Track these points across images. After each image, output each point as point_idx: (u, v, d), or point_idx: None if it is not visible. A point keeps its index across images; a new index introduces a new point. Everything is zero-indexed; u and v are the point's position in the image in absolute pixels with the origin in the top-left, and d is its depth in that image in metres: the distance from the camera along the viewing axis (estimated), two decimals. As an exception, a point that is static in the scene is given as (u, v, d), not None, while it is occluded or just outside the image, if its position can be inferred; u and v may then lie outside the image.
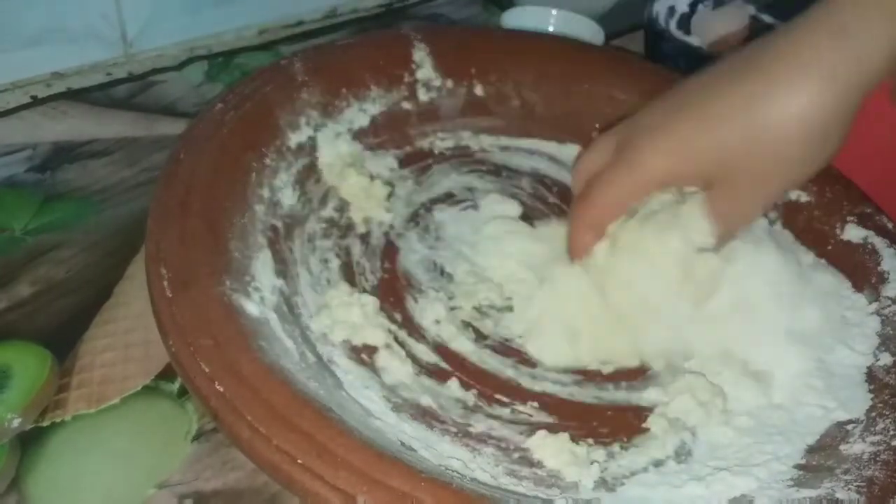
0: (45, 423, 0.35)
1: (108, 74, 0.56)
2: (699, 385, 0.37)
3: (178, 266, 0.32)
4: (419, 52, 0.48)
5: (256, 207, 0.38)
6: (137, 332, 0.39)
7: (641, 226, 0.37)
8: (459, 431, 0.35)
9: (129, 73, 0.56)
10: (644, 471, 0.34)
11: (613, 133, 0.38)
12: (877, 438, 0.34)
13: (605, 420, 0.36)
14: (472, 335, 0.39)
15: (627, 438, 0.36)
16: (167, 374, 0.37)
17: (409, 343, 0.38)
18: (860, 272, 0.42)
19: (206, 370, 0.29)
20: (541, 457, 0.34)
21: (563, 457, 0.34)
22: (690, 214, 0.36)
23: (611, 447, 0.35)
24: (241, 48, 0.61)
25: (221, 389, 0.29)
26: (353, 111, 0.46)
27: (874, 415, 0.35)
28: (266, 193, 0.40)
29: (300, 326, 0.36)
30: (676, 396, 0.37)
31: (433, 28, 0.64)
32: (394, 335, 0.38)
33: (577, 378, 0.38)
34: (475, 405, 0.36)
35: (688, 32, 0.63)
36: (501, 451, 0.34)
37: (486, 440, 0.35)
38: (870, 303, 0.41)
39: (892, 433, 0.34)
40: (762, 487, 0.32)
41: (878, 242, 0.42)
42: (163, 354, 0.34)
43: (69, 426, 0.35)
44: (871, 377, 0.37)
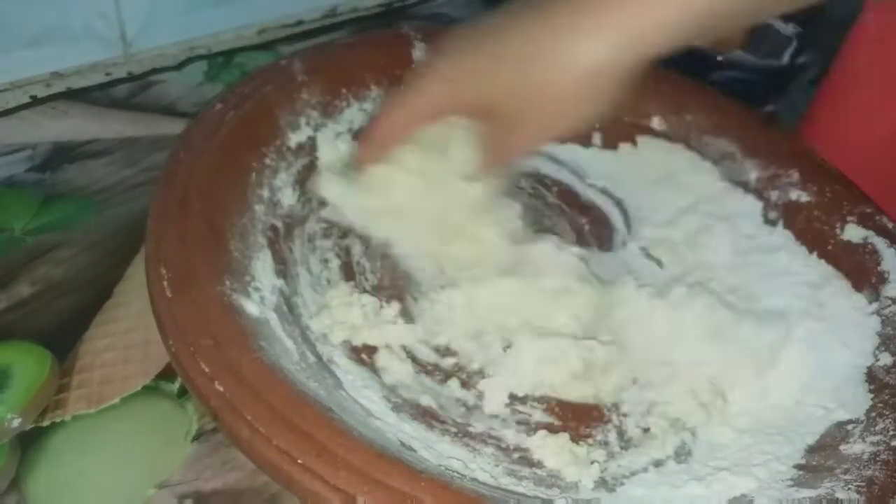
0: (45, 423, 0.35)
1: (108, 74, 0.56)
2: (699, 385, 0.37)
3: (178, 266, 0.33)
4: (419, 52, 0.48)
5: (256, 207, 0.39)
6: (137, 333, 0.39)
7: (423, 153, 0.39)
8: (459, 431, 0.35)
9: (129, 73, 0.56)
10: (644, 471, 0.34)
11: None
12: (877, 438, 0.34)
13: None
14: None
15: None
16: (167, 375, 0.37)
17: (409, 343, 0.38)
18: (860, 272, 0.42)
19: (206, 370, 0.29)
20: (541, 457, 0.34)
21: (563, 457, 0.34)
22: (456, 144, 0.38)
23: (611, 447, 0.35)
24: (241, 48, 0.61)
25: (221, 389, 0.29)
26: (353, 111, 0.46)
27: (874, 415, 0.35)
28: (266, 193, 0.40)
29: (300, 326, 0.36)
30: (676, 396, 0.37)
31: (433, 28, 0.64)
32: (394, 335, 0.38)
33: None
34: (475, 405, 0.36)
35: (687, 32, 0.63)
36: (501, 451, 0.34)
37: (486, 440, 0.35)
38: (870, 303, 0.41)
39: (892, 433, 0.34)
40: (762, 487, 0.33)
41: (879, 242, 0.42)
42: (163, 354, 0.34)
43: (69, 426, 0.35)
44: (872, 377, 0.37)
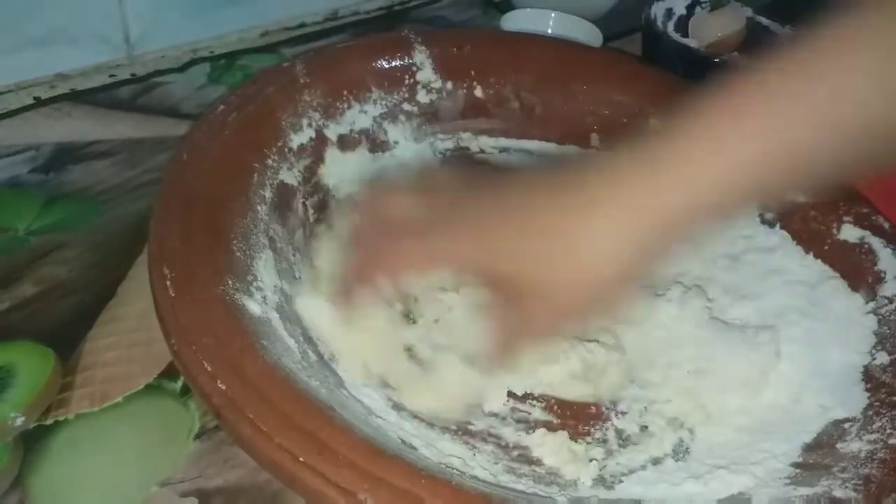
0: (49, 422, 0.35)
1: (112, 76, 0.56)
2: (697, 385, 0.38)
3: (181, 266, 0.33)
4: (419, 55, 0.49)
5: (259, 208, 0.39)
6: (140, 332, 0.39)
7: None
8: (459, 429, 0.35)
9: (133, 75, 0.56)
10: (642, 468, 0.35)
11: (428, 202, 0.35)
12: (874, 437, 0.34)
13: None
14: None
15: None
16: (170, 373, 0.38)
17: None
18: (857, 272, 0.42)
19: (209, 369, 0.29)
20: (540, 455, 0.34)
21: (562, 455, 0.34)
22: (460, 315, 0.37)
23: (609, 445, 0.36)
24: (244, 50, 0.61)
25: (224, 388, 0.29)
26: (354, 112, 0.46)
27: (871, 413, 0.35)
28: (268, 194, 0.40)
29: (301, 326, 0.36)
30: (674, 396, 0.37)
31: (433, 31, 0.65)
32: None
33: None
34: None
35: (685, 35, 0.63)
36: (501, 449, 0.35)
37: (486, 438, 0.35)
38: (866, 302, 0.41)
39: (889, 431, 0.34)
40: (760, 485, 0.33)
41: (875, 242, 0.42)
42: (165, 353, 0.34)
43: (72, 425, 0.36)
44: (868, 376, 0.38)
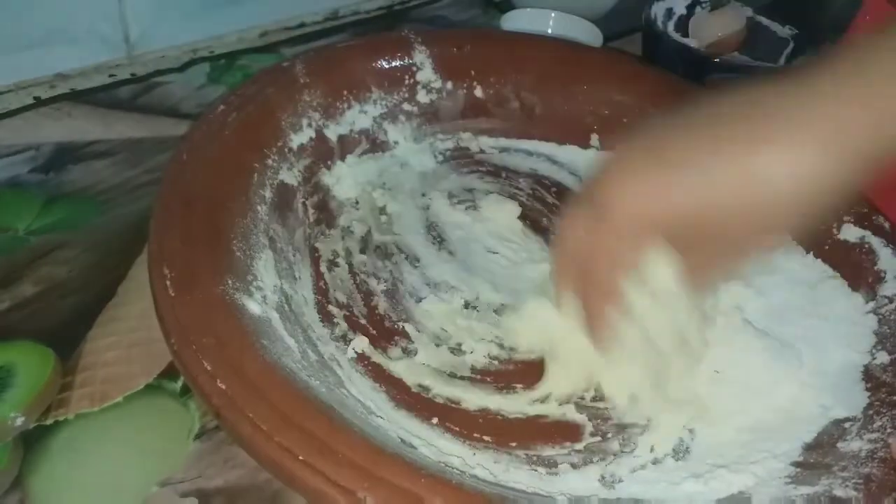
0: (49, 422, 0.35)
1: (112, 76, 0.56)
2: (699, 385, 0.37)
3: (181, 266, 0.33)
4: (419, 55, 0.49)
5: (259, 208, 0.39)
6: (140, 332, 0.39)
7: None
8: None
9: (133, 75, 0.56)
10: (642, 468, 0.35)
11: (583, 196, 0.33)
12: (874, 436, 0.34)
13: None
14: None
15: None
16: (170, 373, 0.37)
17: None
18: (857, 271, 0.42)
19: (209, 368, 0.29)
20: (540, 454, 0.34)
21: (563, 454, 0.34)
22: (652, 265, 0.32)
23: (610, 444, 0.35)
24: (244, 50, 0.61)
25: (223, 387, 0.29)
26: (354, 112, 0.47)
27: (871, 412, 0.36)
28: (268, 194, 0.40)
29: (301, 325, 0.36)
30: (676, 396, 0.37)
31: (433, 30, 0.65)
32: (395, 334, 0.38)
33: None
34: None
35: (685, 34, 0.63)
36: (502, 449, 0.34)
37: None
38: (866, 302, 0.41)
39: (890, 430, 0.34)
40: (760, 484, 0.33)
41: (875, 242, 0.42)
42: (165, 353, 0.34)
43: (72, 425, 0.35)
44: (869, 375, 0.38)
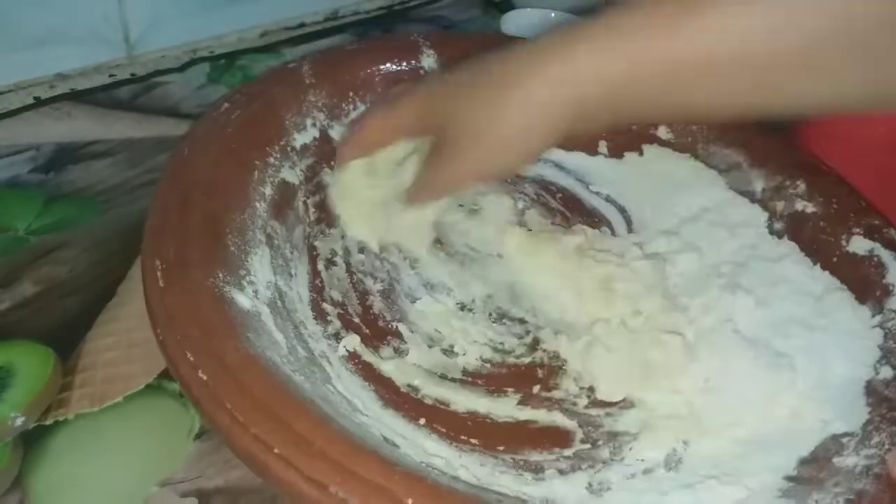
0: (49, 422, 0.35)
1: (112, 76, 0.56)
2: (695, 396, 0.37)
3: (173, 258, 0.32)
4: (427, 58, 0.48)
5: (257, 204, 0.38)
6: (140, 332, 0.39)
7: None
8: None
9: (132, 75, 0.56)
10: (632, 477, 0.34)
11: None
12: (871, 452, 0.33)
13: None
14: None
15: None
16: (170, 373, 0.37)
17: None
18: (865, 284, 0.41)
19: (191, 358, 0.29)
20: (527, 459, 0.34)
21: (551, 460, 0.34)
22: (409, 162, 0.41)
23: (600, 452, 0.35)
24: (244, 50, 0.61)
25: (204, 378, 0.28)
26: (360, 114, 0.46)
27: (870, 428, 0.35)
28: (268, 191, 0.40)
29: (294, 322, 0.36)
30: (671, 406, 0.37)
31: (442, 34, 0.64)
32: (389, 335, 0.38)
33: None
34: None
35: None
36: (488, 452, 0.34)
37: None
38: (873, 315, 0.40)
39: (888, 447, 0.33)
40: (750, 497, 0.32)
41: (885, 255, 0.41)
42: (165, 353, 0.34)
43: (72, 425, 0.35)
44: (871, 390, 0.37)
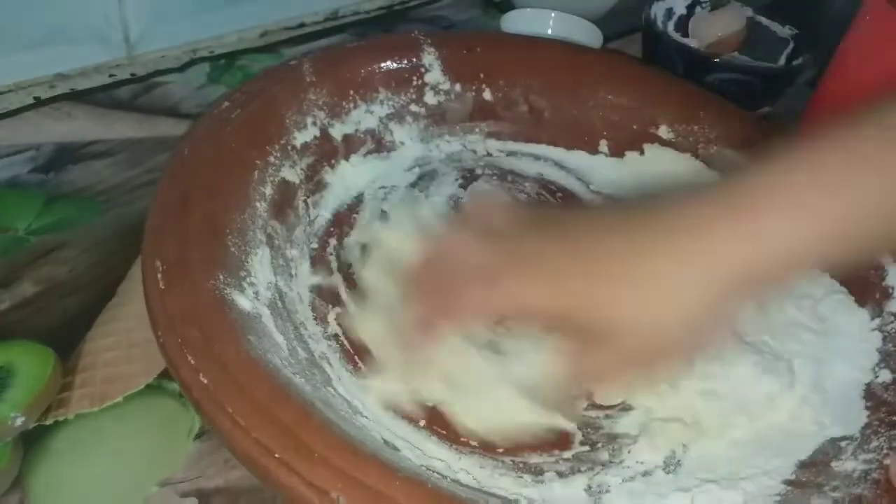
0: (49, 422, 0.35)
1: (112, 76, 0.56)
2: (694, 400, 0.37)
3: (173, 259, 0.32)
4: (428, 56, 0.48)
5: (258, 204, 0.38)
6: (140, 332, 0.39)
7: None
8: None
9: (132, 75, 0.56)
10: (631, 479, 0.34)
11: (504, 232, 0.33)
12: (869, 456, 0.33)
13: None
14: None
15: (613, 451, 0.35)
16: (169, 373, 0.37)
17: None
18: (864, 287, 0.41)
19: (192, 362, 0.29)
20: (527, 461, 0.34)
21: (550, 462, 0.34)
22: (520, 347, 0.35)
23: (599, 454, 0.35)
24: (244, 50, 0.61)
25: (205, 381, 0.28)
26: (360, 112, 0.46)
27: (869, 432, 0.35)
28: (269, 190, 0.40)
29: (294, 323, 0.36)
30: (670, 409, 0.37)
31: (443, 32, 0.64)
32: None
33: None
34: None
35: (685, 35, 0.64)
36: (487, 455, 0.34)
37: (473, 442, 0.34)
38: (872, 318, 0.40)
39: (886, 451, 0.33)
40: (748, 501, 0.32)
41: (884, 258, 0.41)
42: (165, 353, 0.34)
43: (72, 425, 0.35)
44: (870, 394, 0.37)
